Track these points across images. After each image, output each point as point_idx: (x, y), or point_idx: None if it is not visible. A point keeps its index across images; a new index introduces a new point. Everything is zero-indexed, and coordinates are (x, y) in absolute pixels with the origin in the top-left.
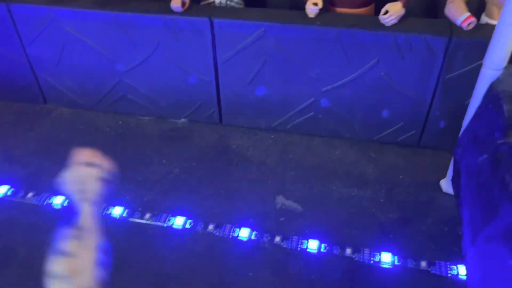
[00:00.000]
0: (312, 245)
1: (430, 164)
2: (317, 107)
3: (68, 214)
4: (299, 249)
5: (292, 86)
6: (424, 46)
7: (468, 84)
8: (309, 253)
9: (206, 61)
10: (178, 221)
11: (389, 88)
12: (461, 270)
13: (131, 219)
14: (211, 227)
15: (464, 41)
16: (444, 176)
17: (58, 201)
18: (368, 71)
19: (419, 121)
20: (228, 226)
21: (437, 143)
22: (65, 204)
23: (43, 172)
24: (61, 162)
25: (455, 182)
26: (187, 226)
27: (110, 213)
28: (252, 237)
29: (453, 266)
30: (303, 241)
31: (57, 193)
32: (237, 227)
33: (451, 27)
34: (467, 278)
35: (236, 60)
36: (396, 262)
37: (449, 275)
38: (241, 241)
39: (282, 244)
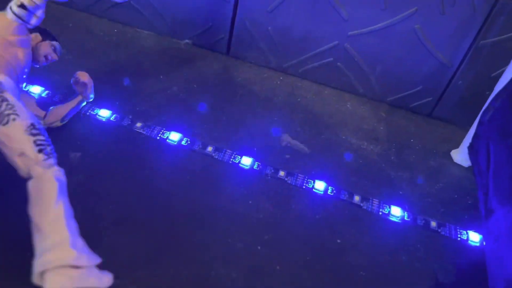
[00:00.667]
0: (319, 185)
1: (441, 134)
2: (338, 52)
3: None
4: (304, 187)
5: (317, 24)
6: (468, 2)
7: (499, 55)
8: (315, 193)
9: None
10: (173, 136)
11: (419, 45)
12: (472, 236)
13: (119, 125)
14: (210, 148)
15: (510, 6)
16: (455, 147)
17: (35, 90)
18: (402, 21)
19: (439, 87)
20: (229, 151)
21: (450, 116)
22: (43, 95)
23: None
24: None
25: (474, 148)
26: (183, 143)
27: (96, 114)
28: (255, 167)
29: (463, 231)
30: (309, 180)
31: (34, 82)
32: (239, 154)
33: None
34: (487, 245)
35: None
36: (405, 218)
37: (459, 238)
38: (242, 168)
39: (286, 179)
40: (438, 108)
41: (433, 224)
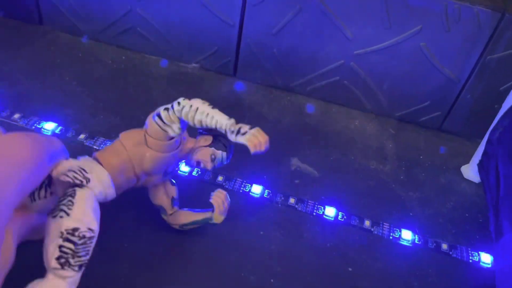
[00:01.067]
0: (329, 212)
1: (451, 148)
2: (344, 71)
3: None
4: (314, 214)
5: (322, 44)
6: (473, 19)
7: (507, 69)
8: (326, 219)
9: (233, 0)
10: (184, 168)
11: (425, 62)
12: (484, 257)
13: None
14: (220, 178)
15: None
16: (465, 162)
17: (48, 127)
18: (408, 39)
19: (447, 102)
20: (239, 180)
21: (460, 129)
22: (57, 131)
23: (32, 95)
24: (53, 86)
25: (484, 166)
26: (194, 173)
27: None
28: (265, 195)
29: (474, 253)
30: (319, 206)
31: (47, 118)
32: (248, 183)
33: (505, 2)
34: (496, 265)
35: (268, 4)
36: (416, 241)
37: (471, 260)
38: (253, 197)
39: (296, 206)
40: (447, 122)
41: (444, 246)
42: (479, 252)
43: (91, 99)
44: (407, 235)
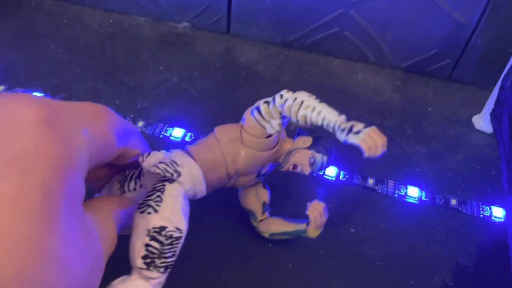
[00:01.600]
0: (330, 171)
1: (461, 98)
2: (344, 21)
3: None
4: (314, 175)
5: None
6: None
7: None
8: (326, 180)
9: None
10: (177, 133)
11: (431, 5)
12: (495, 212)
13: None
14: None
15: None
16: (476, 112)
17: None
18: None
19: (456, 48)
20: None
21: (471, 77)
22: None
23: (17, 65)
24: (38, 55)
25: (496, 115)
26: (187, 139)
27: None
28: None
29: (485, 207)
30: None
31: (33, 89)
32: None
33: None
34: (509, 219)
35: None
36: (423, 198)
37: (482, 215)
38: None
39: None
40: (457, 70)
41: (453, 202)
42: (491, 206)
43: (79, 66)
44: (413, 192)
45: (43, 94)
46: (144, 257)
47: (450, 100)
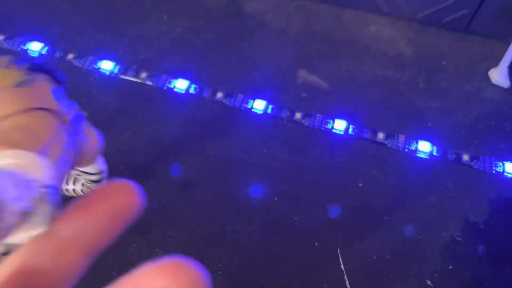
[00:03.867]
0: (339, 125)
1: (478, 51)
2: None
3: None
4: (322, 128)
5: None
6: None
7: None
8: (335, 134)
9: None
10: (181, 84)
11: None
12: (508, 167)
13: (123, 77)
14: (220, 94)
15: None
16: (494, 66)
17: (35, 47)
18: None
19: None
20: (241, 96)
21: (489, 29)
22: (44, 52)
23: (16, 15)
24: (38, 5)
25: None
26: (191, 91)
27: (99, 67)
28: (268, 111)
29: (498, 163)
30: (328, 120)
31: (33, 39)
32: (251, 98)
33: None
34: None
35: None
36: (434, 153)
37: (494, 171)
38: (255, 113)
39: (303, 121)
40: (475, 21)
41: (465, 157)
42: (504, 162)
43: (79, 16)
44: (424, 147)
45: (43, 44)
46: None
47: (466, 54)
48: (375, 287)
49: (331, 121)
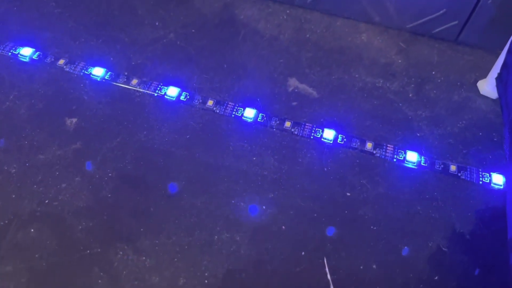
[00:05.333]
0: (328, 134)
1: (467, 62)
2: None
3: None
4: (312, 137)
5: None
6: None
7: None
8: (324, 143)
9: None
10: (171, 92)
11: None
12: (495, 178)
13: (114, 83)
14: (210, 102)
15: None
16: (483, 77)
17: (25, 52)
18: None
19: (465, 9)
20: (231, 104)
21: (478, 40)
22: (35, 56)
23: (7, 18)
24: (30, 8)
25: (503, 80)
26: (182, 98)
27: (90, 73)
28: (259, 119)
29: (485, 173)
30: (317, 129)
31: (24, 43)
32: (241, 106)
33: None
34: (509, 186)
35: None
36: (422, 163)
37: (481, 182)
38: (245, 121)
39: (292, 130)
40: (465, 32)
41: (453, 168)
42: (491, 173)
43: (71, 21)
44: (412, 156)
45: (34, 49)
46: None
47: (455, 64)
48: None
49: (321, 130)
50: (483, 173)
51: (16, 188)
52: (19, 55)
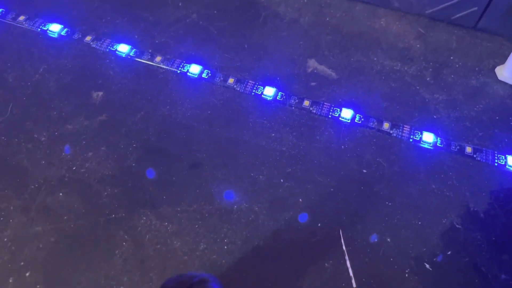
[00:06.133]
0: (346, 114)
1: (485, 48)
2: None
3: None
4: (330, 116)
5: None
6: None
7: None
8: (341, 122)
9: None
10: (194, 69)
11: None
12: (511, 161)
13: (138, 59)
14: (231, 80)
15: None
16: (501, 63)
17: (54, 28)
18: None
19: None
20: (252, 82)
21: (497, 27)
22: (63, 33)
23: None
24: None
25: None
26: (204, 76)
27: (116, 50)
28: (278, 97)
29: (501, 156)
30: (335, 109)
31: (52, 20)
32: (261, 85)
33: None
34: None
35: None
36: (438, 144)
37: (496, 164)
38: (265, 99)
39: (311, 109)
40: (484, 18)
41: (469, 149)
42: (506, 156)
43: (97, 0)
44: (428, 137)
45: (62, 26)
46: None
47: (474, 50)
48: (375, 268)
49: (339, 110)
50: (498, 155)
51: (46, 155)
52: (48, 31)
